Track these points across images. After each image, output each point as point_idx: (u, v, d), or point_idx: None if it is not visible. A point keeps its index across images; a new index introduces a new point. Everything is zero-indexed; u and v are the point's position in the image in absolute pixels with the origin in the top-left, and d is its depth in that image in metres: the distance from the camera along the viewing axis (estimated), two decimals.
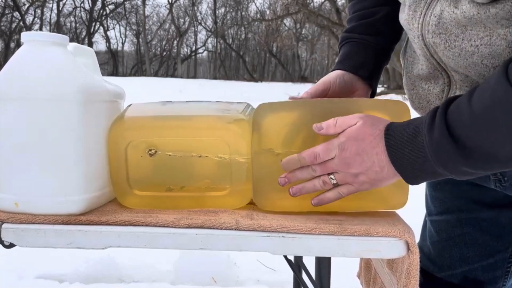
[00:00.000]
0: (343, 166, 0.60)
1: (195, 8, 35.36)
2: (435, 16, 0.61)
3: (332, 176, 0.62)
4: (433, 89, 0.69)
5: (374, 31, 0.82)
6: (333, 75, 0.80)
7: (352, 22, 0.85)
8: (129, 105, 0.73)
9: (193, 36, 38.51)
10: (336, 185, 0.62)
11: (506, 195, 0.74)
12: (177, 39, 35.14)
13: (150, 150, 0.66)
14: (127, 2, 34.18)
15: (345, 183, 0.62)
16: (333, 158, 0.61)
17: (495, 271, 0.81)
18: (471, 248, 0.81)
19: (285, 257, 0.70)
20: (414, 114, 0.63)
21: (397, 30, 0.83)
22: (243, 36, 37.68)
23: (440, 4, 0.61)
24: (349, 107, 0.65)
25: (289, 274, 1.73)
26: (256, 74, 35.45)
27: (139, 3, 34.18)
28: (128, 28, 37.59)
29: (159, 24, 36.96)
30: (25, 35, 0.62)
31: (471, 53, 0.60)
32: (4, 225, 0.61)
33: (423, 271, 0.81)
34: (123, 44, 38.56)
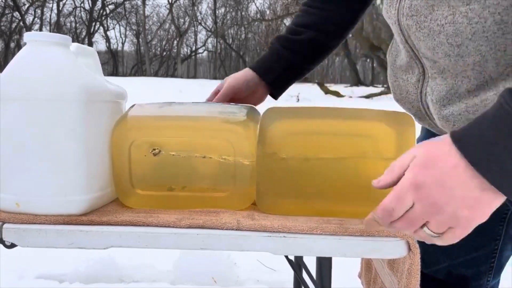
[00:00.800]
0: (430, 211, 0.47)
1: (195, 8, 35.36)
2: (409, 0, 0.66)
3: (426, 229, 0.49)
4: (411, 79, 0.73)
5: (293, 48, 0.92)
6: (241, 81, 0.92)
7: (285, 31, 0.95)
8: (133, 105, 0.73)
9: (193, 36, 38.52)
10: (438, 235, 0.50)
11: None
12: (177, 39, 35.14)
13: (154, 149, 0.66)
14: (127, 2, 34.17)
15: (447, 227, 0.49)
16: (412, 207, 0.48)
17: (479, 266, 0.83)
18: (455, 252, 0.82)
19: (286, 256, 0.70)
20: (418, 127, 0.64)
21: (316, 55, 0.93)
22: (243, 36, 37.68)
23: None
24: (356, 116, 0.65)
25: (289, 274, 1.73)
26: None
27: (139, 3, 34.18)
28: (128, 28, 37.59)
29: (159, 24, 36.97)
30: (27, 35, 0.62)
31: (438, 32, 0.63)
32: (5, 225, 0.61)
33: None
34: (123, 44, 38.57)
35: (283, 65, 0.91)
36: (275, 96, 0.97)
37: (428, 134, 0.85)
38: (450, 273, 0.84)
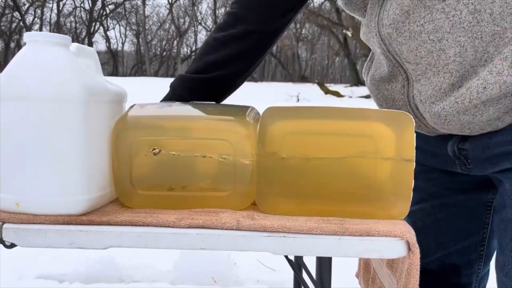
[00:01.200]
0: None
1: (195, 8, 35.36)
2: (386, 11, 0.71)
3: None
4: (395, 87, 0.76)
5: (192, 87, 0.87)
6: None
7: (187, 69, 0.91)
8: (133, 105, 0.73)
9: (193, 36, 38.53)
10: None
11: (473, 180, 0.80)
12: (177, 39, 35.15)
13: (154, 149, 0.66)
14: (127, 2, 34.18)
15: None
16: None
17: (470, 254, 0.87)
18: (445, 233, 0.87)
19: (286, 256, 0.70)
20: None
21: (216, 93, 0.89)
22: None
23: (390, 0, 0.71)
24: (356, 116, 0.65)
25: (289, 274, 1.73)
26: (256, 74, 35.45)
27: (139, 3, 34.18)
28: (128, 28, 37.61)
29: (159, 24, 36.99)
30: (27, 35, 0.62)
31: (419, 32, 0.68)
32: (5, 225, 0.61)
33: None
34: (123, 44, 38.59)
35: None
36: None
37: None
38: (442, 263, 0.88)
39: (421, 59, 0.69)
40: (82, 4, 34.18)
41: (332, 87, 16.55)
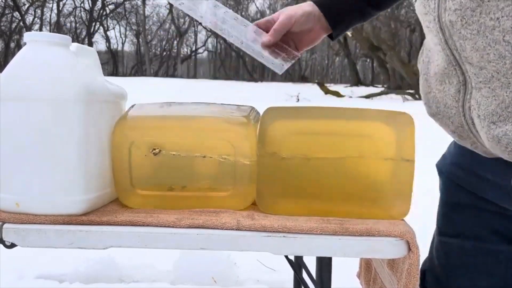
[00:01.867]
0: None
1: None
2: None
3: None
4: (449, 90, 0.62)
5: None
6: (303, 11, 0.81)
7: None
8: (133, 105, 0.73)
9: (193, 36, 38.54)
10: None
11: None
12: (177, 39, 35.16)
13: (154, 149, 0.66)
14: (127, 2, 34.17)
15: None
16: None
17: None
18: (484, 278, 0.74)
19: (286, 256, 0.70)
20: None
21: (380, 3, 0.85)
22: None
23: None
24: (356, 116, 0.66)
25: (289, 274, 1.73)
26: (256, 74, 35.44)
27: (139, 3, 34.18)
28: (128, 28, 37.62)
29: (159, 24, 36.99)
30: (27, 35, 0.62)
31: (491, 28, 0.52)
32: (5, 225, 0.61)
33: None
34: (123, 44, 38.58)
35: (347, 6, 0.83)
36: (333, 37, 0.87)
37: (465, 153, 0.69)
38: None
39: (488, 63, 0.54)
40: (82, 4, 34.20)
41: (332, 87, 16.55)
